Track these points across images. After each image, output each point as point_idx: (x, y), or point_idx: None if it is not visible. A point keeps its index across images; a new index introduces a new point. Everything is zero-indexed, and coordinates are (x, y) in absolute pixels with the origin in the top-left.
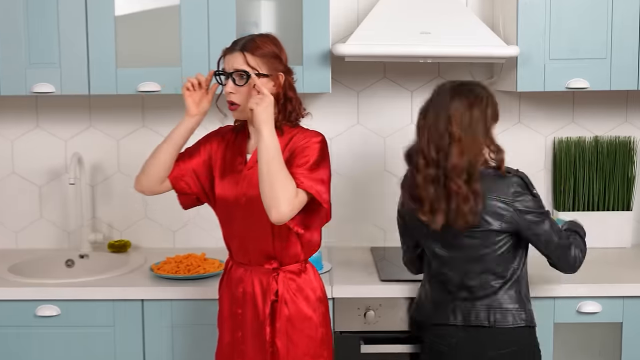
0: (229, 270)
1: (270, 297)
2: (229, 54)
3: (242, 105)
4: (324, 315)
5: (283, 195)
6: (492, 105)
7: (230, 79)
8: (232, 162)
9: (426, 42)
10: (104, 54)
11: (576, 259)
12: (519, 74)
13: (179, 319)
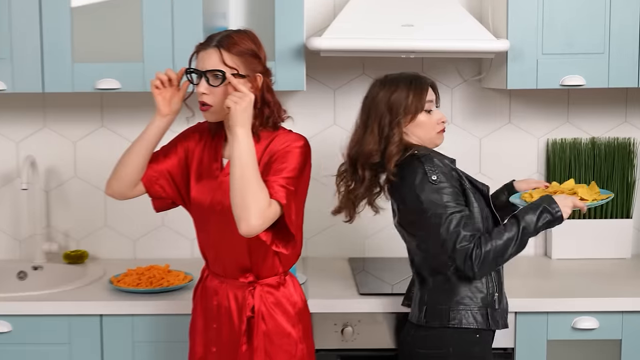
0: (204, 280)
1: (246, 312)
2: (203, 51)
3: (215, 107)
4: (304, 331)
5: (255, 205)
6: None
7: (203, 78)
8: (208, 165)
9: (408, 35)
10: (60, 48)
11: None
12: (509, 70)
13: (140, 335)
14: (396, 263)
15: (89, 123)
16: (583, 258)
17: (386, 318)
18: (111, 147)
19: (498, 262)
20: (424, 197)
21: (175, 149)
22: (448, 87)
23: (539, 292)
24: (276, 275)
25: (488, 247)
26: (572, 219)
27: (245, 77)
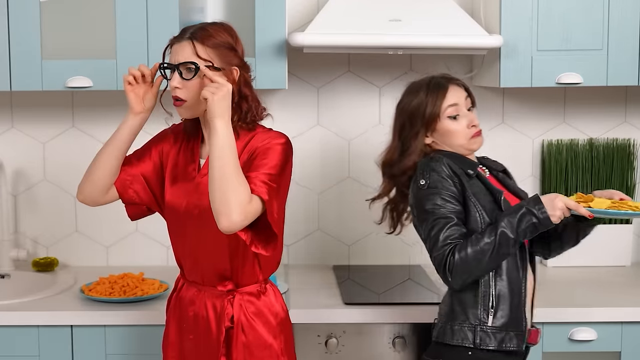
0: (179, 289)
1: (224, 322)
2: (177, 44)
3: (189, 102)
4: (286, 343)
5: (235, 200)
6: None
7: (176, 71)
8: (184, 167)
9: (396, 30)
10: (28, 44)
11: None
12: (502, 68)
13: (113, 347)
14: (383, 271)
15: (59, 123)
16: (580, 266)
17: (372, 329)
18: (83, 148)
19: (476, 270)
20: (412, 201)
21: (150, 151)
22: None
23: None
24: (256, 283)
25: (463, 254)
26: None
27: (220, 70)
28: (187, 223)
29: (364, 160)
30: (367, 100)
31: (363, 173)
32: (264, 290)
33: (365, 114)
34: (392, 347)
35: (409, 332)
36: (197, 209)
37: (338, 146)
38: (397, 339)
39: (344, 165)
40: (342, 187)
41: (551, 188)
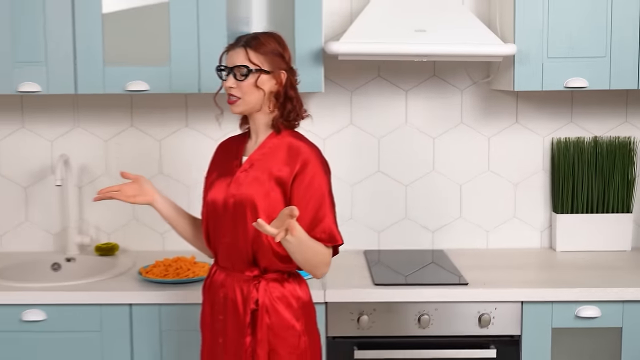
0: (212, 275)
1: (250, 305)
2: (232, 50)
3: (242, 99)
4: (307, 324)
5: (321, 262)
6: None
7: (231, 74)
8: (228, 164)
9: (421, 40)
10: (91, 52)
11: None
12: (516, 73)
13: (167, 323)
14: (409, 255)
15: (119, 123)
16: (586, 250)
17: (400, 307)
18: (140, 145)
19: None
20: None
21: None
22: (458, 88)
23: (544, 283)
24: (281, 271)
25: None
26: (575, 213)
27: (269, 73)
28: (223, 214)
29: (392, 156)
30: (395, 102)
31: (391, 167)
32: (287, 278)
33: (393, 115)
34: (418, 324)
35: (433, 310)
36: (232, 198)
37: (369, 143)
38: (422, 316)
39: (374, 160)
40: (373, 180)
41: (560, 181)
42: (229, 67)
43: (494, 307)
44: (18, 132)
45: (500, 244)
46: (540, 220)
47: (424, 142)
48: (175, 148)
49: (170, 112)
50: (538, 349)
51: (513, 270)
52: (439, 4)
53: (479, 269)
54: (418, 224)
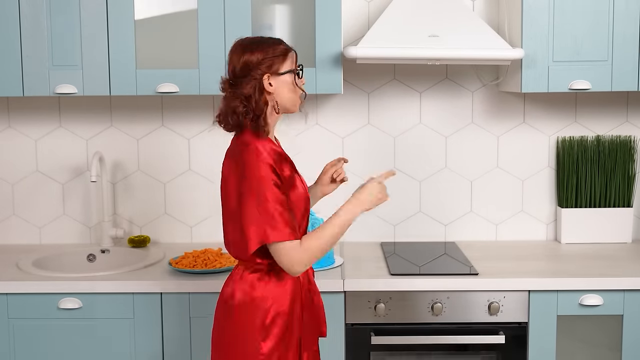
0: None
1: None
2: (292, 52)
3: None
4: None
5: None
6: None
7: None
8: (291, 162)
9: (434, 45)
10: (124, 56)
11: None
12: (523, 76)
13: (196, 311)
14: (422, 247)
15: (151, 123)
16: (589, 242)
17: (414, 296)
18: (170, 144)
19: None
20: None
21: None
22: (469, 90)
23: (550, 273)
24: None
25: None
26: (578, 208)
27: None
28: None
29: (407, 154)
30: (410, 103)
31: (406, 164)
32: None
33: (408, 115)
34: (431, 311)
35: (445, 298)
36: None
37: (385, 142)
38: (435, 304)
39: (390, 158)
40: None
41: (565, 178)
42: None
43: (503, 295)
44: (56, 132)
45: (508, 237)
46: (546, 214)
47: (437, 141)
48: (203, 146)
49: (198, 112)
50: (544, 335)
51: (520, 261)
52: (451, 10)
53: (489, 260)
54: (431, 217)
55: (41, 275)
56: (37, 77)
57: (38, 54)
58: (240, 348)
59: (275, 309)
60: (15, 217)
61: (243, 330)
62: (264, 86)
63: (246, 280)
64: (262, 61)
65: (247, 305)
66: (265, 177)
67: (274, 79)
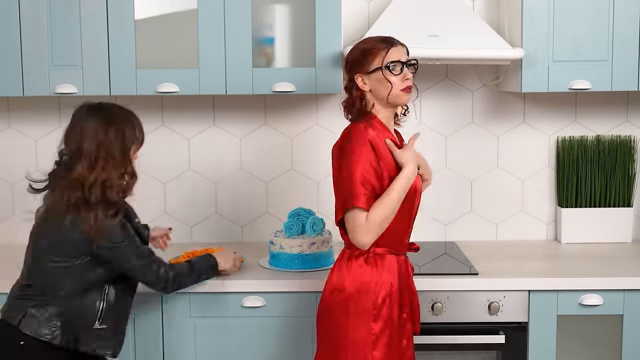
0: (384, 260)
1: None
2: (394, 47)
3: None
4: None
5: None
6: (131, 127)
7: (406, 67)
8: None
9: (434, 44)
10: (125, 56)
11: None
12: (523, 75)
13: (197, 311)
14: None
15: (151, 122)
16: (589, 242)
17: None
18: (170, 143)
19: None
20: None
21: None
22: (469, 90)
23: (550, 273)
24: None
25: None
26: (578, 207)
27: None
28: (415, 200)
29: None
30: (410, 103)
31: None
32: None
33: (408, 114)
34: (431, 311)
35: (445, 298)
36: (419, 186)
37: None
38: (435, 304)
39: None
40: None
41: (565, 178)
42: (403, 61)
43: (503, 295)
44: (56, 132)
45: (508, 237)
46: (546, 214)
47: (437, 141)
48: (203, 146)
49: (198, 112)
50: (544, 335)
51: (520, 261)
52: (451, 10)
53: (489, 260)
54: (432, 217)
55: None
56: (37, 77)
57: (38, 53)
58: (352, 332)
59: (384, 290)
60: (15, 217)
61: (355, 314)
62: (358, 84)
63: (352, 265)
64: (355, 61)
65: (358, 288)
66: (359, 152)
67: (366, 77)
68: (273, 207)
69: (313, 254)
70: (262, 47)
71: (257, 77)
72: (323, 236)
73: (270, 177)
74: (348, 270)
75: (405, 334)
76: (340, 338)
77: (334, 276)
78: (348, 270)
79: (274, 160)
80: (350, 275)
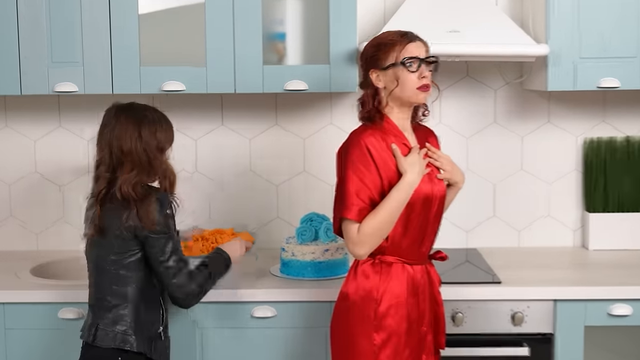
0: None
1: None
2: (413, 42)
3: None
4: None
5: None
6: (162, 129)
7: (423, 64)
8: None
9: (455, 40)
10: (128, 52)
11: (183, 289)
12: (549, 73)
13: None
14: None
15: None
16: (618, 249)
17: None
18: (176, 145)
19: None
20: None
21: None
22: (491, 88)
23: (577, 281)
24: None
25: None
26: (607, 213)
27: None
28: (430, 207)
29: None
30: (429, 102)
31: None
32: None
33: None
34: (452, 322)
35: (467, 308)
36: (439, 192)
37: None
38: (456, 314)
39: None
40: None
41: (592, 181)
42: (422, 58)
43: (527, 305)
44: (55, 132)
45: (533, 243)
46: (572, 219)
47: (458, 142)
48: (211, 147)
49: (206, 111)
50: (571, 347)
51: (546, 269)
52: (472, 4)
53: (512, 268)
54: (452, 223)
55: (40, 284)
56: (36, 75)
57: (36, 50)
58: (354, 341)
59: (388, 300)
60: (13, 219)
61: (357, 323)
62: (373, 81)
63: (357, 273)
64: (370, 56)
65: (360, 295)
66: (353, 160)
67: (381, 73)
68: (284, 211)
69: (327, 262)
70: (273, 43)
71: (267, 75)
72: (337, 242)
73: (281, 179)
74: (354, 277)
75: (425, 349)
76: (345, 349)
77: (343, 284)
78: (354, 277)
79: (286, 162)
80: (354, 283)
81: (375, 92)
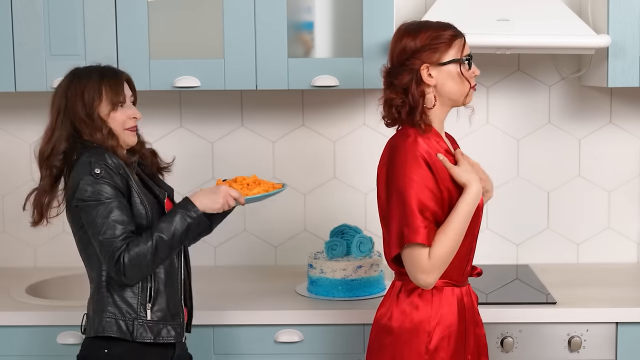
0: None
1: None
2: (461, 38)
3: None
4: None
5: None
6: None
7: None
8: None
9: (504, 30)
10: (136, 44)
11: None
12: (610, 67)
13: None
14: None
15: (167, 123)
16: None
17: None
18: (189, 148)
19: (144, 269)
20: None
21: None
22: (545, 84)
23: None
24: None
25: (129, 255)
26: None
27: None
28: (477, 217)
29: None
30: (475, 100)
31: None
32: None
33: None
34: (500, 347)
35: (517, 332)
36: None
37: None
38: (505, 339)
39: None
40: None
41: None
42: (470, 55)
43: (586, 328)
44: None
45: (592, 258)
46: (636, 232)
47: (507, 145)
48: (229, 150)
49: (224, 110)
50: None
51: (607, 288)
52: None
53: (569, 286)
54: (500, 235)
55: (36, 304)
56: (32, 70)
57: (33, 41)
58: None
59: (441, 331)
60: (6, 235)
61: (405, 356)
62: (423, 77)
63: (401, 300)
64: (421, 49)
65: (407, 328)
66: (412, 177)
67: (435, 69)
68: (312, 223)
69: (360, 279)
70: (300, 34)
71: (293, 69)
72: (372, 258)
73: (308, 187)
74: (397, 306)
75: None
76: None
77: (381, 313)
78: (397, 306)
79: (314, 168)
80: (398, 312)
81: (423, 91)
